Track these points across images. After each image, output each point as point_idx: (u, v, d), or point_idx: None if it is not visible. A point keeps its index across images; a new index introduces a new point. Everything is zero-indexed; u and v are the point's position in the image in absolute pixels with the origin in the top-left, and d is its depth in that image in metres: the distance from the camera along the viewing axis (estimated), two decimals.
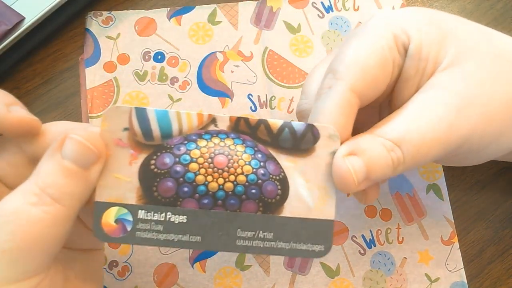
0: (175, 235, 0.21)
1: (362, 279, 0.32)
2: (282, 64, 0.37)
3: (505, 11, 0.38)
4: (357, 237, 0.33)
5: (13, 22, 0.34)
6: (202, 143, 0.21)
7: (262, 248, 0.21)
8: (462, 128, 0.22)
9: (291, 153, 0.22)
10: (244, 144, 0.22)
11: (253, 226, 0.21)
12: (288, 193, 0.22)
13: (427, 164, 0.23)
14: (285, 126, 0.22)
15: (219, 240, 0.21)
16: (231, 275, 0.32)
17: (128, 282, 0.32)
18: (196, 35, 0.37)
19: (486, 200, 0.34)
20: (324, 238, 0.22)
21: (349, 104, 0.23)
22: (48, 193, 0.19)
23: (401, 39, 0.24)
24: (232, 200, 0.21)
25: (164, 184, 0.21)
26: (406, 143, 0.22)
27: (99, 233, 0.21)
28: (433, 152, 0.22)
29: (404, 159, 0.22)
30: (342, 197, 0.34)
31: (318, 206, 0.22)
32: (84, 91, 0.35)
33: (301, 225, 0.21)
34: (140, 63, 0.36)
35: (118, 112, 0.21)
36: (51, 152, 0.20)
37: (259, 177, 0.21)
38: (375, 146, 0.22)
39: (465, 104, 0.22)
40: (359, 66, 0.23)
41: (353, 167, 0.21)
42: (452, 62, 0.23)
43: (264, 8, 0.38)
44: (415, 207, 0.34)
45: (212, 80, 0.36)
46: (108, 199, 0.21)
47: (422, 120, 0.22)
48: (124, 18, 0.37)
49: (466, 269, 0.33)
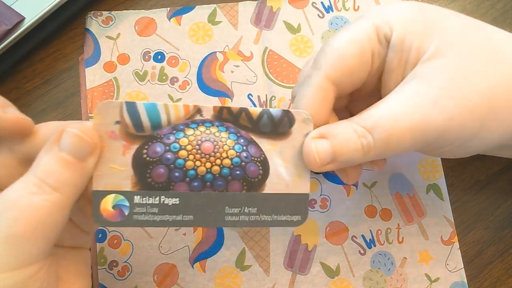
0: (170, 215, 0.23)
1: (362, 279, 0.32)
2: (282, 64, 0.37)
3: (505, 11, 0.38)
4: (357, 237, 0.33)
5: (13, 22, 0.34)
6: (189, 132, 0.23)
7: (248, 221, 0.24)
8: (437, 119, 0.22)
9: (270, 136, 0.24)
10: (228, 131, 0.24)
11: (239, 203, 0.23)
12: (269, 172, 0.24)
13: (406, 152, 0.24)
14: (264, 113, 0.24)
15: (209, 218, 0.23)
16: (231, 275, 0.32)
17: (128, 282, 0.32)
18: (196, 35, 0.37)
19: (486, 200, 0.34)
20: (301, 209, 0.24)
21: (323, 91, 0.25)
22: (47, 183, 0.20)
23: (383, 31, 0.25)
24: (219, 182, 0.23)
25: (156, 170, 0.23)
26: (378, 129, 0.23)
27: (99, 218, 0.22)
28: (407, 140, 0.23)
29: (375, 145, 0.23)
30: (342, 198, 0.34)
31: (295, 182, 0.24)
32: (84, 91, 0.35)
33: (280, 200, 0.24)
34: (140, 63, 0.36)
35: (109, 107, 0.22)
36: (49, 146, 0.21)
37: (242, 159, 0.24)
38: (346, 131, 0.23)
39: (443, 96, 0.23)
40: (335, 55, 0.25)
41: (317, 148, 0.23)
42: (435, 54, 0.24)
43: (264, 8, 0.38)
44: (415, 207, 0.34)
45: (212, 80, 0.36)
46: (105, 187, 0.22)
47: (396, 108, 0.23)
48: (124, 18, 0.37)
49: (466, 269, 0.33)
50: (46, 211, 0.20)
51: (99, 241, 0.33)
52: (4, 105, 0.22)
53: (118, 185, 0.22)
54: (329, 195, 0.34)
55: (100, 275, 0.32)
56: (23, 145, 0.23)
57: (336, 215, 0.34)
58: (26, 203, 0.19)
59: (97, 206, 0.22)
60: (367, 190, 0.34)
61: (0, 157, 0.23)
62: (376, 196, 0.34)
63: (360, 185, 0.34)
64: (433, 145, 0.24)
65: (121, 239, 0.33)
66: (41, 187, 0.20)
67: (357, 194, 0.34)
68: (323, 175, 0.34)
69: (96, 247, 0.33)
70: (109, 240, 0.33)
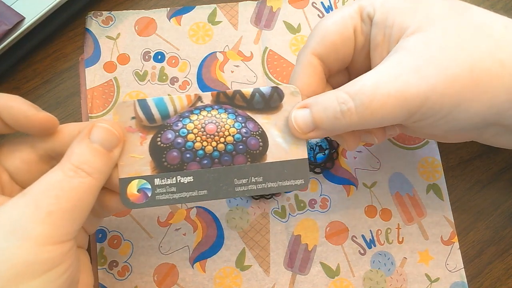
0: (187, 192, 0.26)
1: (362, 279, 0.32)
2: (282, 64, 0.37)
3: (505, 11, 0.38)
4: (357, 237, 0.33)
5: (13, 22, 0.34)
6: (194, 117, 0.26)
7: (256, 189, 0.26)
8: (419, 87, 0.23)
9: (264, 111, 0.27)
10: (227, 112, 0.26)
11: (246, 174, 0.26)
12: (268, 143, 0.26)
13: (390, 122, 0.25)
14: (256, 91, 0.26)
15: (221, 190, 0.26)
16: (231, 275, 0.32)
17: (128, 282, 0.32)
18: (196, 35, 0.37)
19: (486, 200, 0.34)
20: (303, 173, 0.26)
21: (310, 65, 0.27)
22: (82, 168, 0.23)
23: (366, 10, 0.27)
24: (226, 157, 0.26)
25: (170, 154, 0.26)
26: (359, 95, 0.24)
27: (127, 202, 0.25)
28: (388, 107, 0.23)
29: (356, 110, 0.24)
30: (342, 198, 0.34)
31: (292, 149, 0.26)
32: (84, 91, 0.35)
33: (282, 166, 0.26)
34: (140, 63, 0.36)
35: (124, 106, 0.26)
36: (81, 138, 0.24)
37: (243, 135, 0.26)
38: (328, 98, 0.25)
39: (424, 65, 0.23)
40: (319, 33, 0.27)
41: (296, 118, 0.26)
42: (418, 28, 0.24)
43: (264, 8, 0.38)
44: (415, 207, 0.34)
45: (212, 80, 0.36)
46: (129, 174, 0.25)
47: (379, 76, 0.24)
48: (124, 18, 0.37)
49: (466, 269, 0.33)
50: (82, 192, 0.22)
51: (99, 241, 0.33)
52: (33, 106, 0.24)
53: (139, 172, 0.26)
54: (329, 195, 0.34)
55: (100, 275, 0.32)
56: (46, 143, 0.25)
57: (336, 215, 0.34)
58: (66, 184, 0.22)
59: (124, 192, 0.25)
60: (367, 190, 0.34)
61: (22, 153, 0.25)
62: (376, 196, 0.34)
63: (360, 185, 0.34)
64: (415, 116, 0.24)
65: (121, 239, 0.33)
66: (77, 172, 0.22)
67: (357, 194, 0.34)
68: (323, 175, 0.34)
69: (96, 247, 0.33)
70: (109, 240, 0.33)
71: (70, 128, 0.26)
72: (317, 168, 0.34)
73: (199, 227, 0.33)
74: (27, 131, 0.25)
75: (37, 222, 0.21)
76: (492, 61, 0.23)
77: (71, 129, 0.26)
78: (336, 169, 0.35)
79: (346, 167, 0.35)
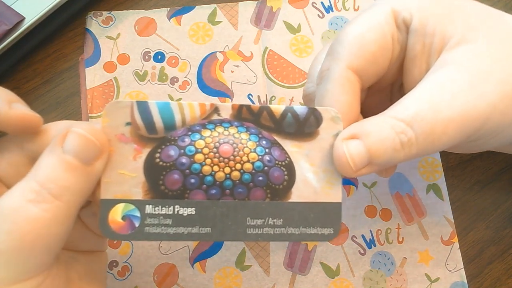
0: (185, 228, 0.21)
1: (362, 279, 0.32)
2: (282, 64, 0.37)
3: (505, 11, 0.38)
4: (357, 237, 0.33)
5: (13, 22, 0.34)
6: (206, 133, 0.21)
7: (272, 235, 0.21)
8: (479, 106, 0.21)
9: (295, 137, 0.22)
10: (248, 132, 0.21)
11: (262, 214, 0.21)
12: (295, 178, 0.21)
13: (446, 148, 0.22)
14: (288, 111, 0.22)
15: (229, 230, 0.21)
16: (231, 275, 0.32)
17: (128, 282, 0.32)
18: (196, 35, 0.37)
19: (486, 200, 0.34)
20: (333, 220, 0.22)
21: (348, 82, 0.23)
22: (48, 188, 0.18)
23: (402, 15, 0.23)
24: (240, 189, 0.21)
25: (170, 176, 0.21)
26: (418, 122, 0.21)
27: (107, 231, 0.20)
28: (450, 132, 0.21)
29: (417, 140, 0.21)
30: (343, 198, 0.34)
31: (325, 190, 0.22)
32: (84, 91, 0.35)
33: (309, 210, 0.21)
34: (140, 63, 0.36)
35: (119, 107, 0.21)
36: (52, 147, 0.19)
37: (265, 163, 0.21)
38: (382, 128, 0.21)
39: (480, 81, 0.21)
40: (354, 43, 0.23)
41: (350, 151, 0.21)
42: (462, 39, 0.22)
43: (264, 8, 0.38)
44: (415, 207, 0.34)
45: (212, 80, 0.36)
46: (114, 196, 0.20)
47: (435, 98, 0.21)
48: (124, 18, 0.37)
49: (466, 269, 0.33)
50: (45, 222, 0.18)
51: None
52: (12, 100, 0.21)
53: (128, 194, 0.20)
54: None
55: None
56: (33, 144, 0.21)
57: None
58: (23, 214, 0.18)
59: (105, 217, 0.20)
60: (367, 190, 0.34)
61: (10, 155, 0.21)
62: (376, 196, 0.34)
63: (360, 185, 0.34)
64: (473, 136, 0.22)
65: None
66: (40, 194, 0.18)
67: (357, 194, 0.34)
68: None
69: None
70: (109, 240, 0.33)
71: (59, 127, 0.22)
72: None
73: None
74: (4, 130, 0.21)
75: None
76: None
77: (60, 127, 0.21)
78: None
79: None
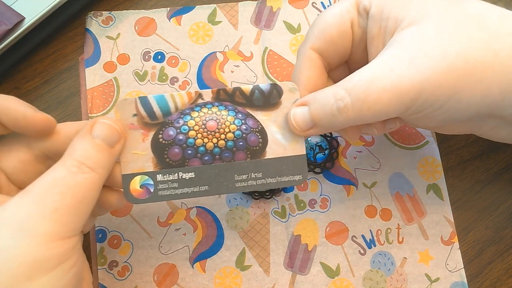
0: (188, 188, 0.26)
1: (362, 279, 0.32)
2: (282, 64, 0.37)
3: (505, 4, 0.38)
4: (357, 237, 0.33)
5: (13, 22, 0.34)
6: (194, 114, 0.27)
7: (255, 185, 0.27)
8: (413, 79, 0.23)
9: (264, 108, 0.27)
10: (227, 109, 0.27)
11: (246, 170, 0.27)
12: (267, 139, 0.27)
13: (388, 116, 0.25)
14: (255, 88, 0.27)
15: (222, 185, 0.27)
16: (231, 275, 0.32)
17: (128, 282, 0.32)
18: (196, 35, 0.37)
19: (486, 200, 0.34)
20: (301, 168, 0.27)
21: (309, 60, 0.28)
22: (85, 163, 0.23)
23: (363, 3, 0.27)
24: (226, 153, 0.27)
25: (172, 151, 0.26)
26: (355, 90, 0.24)
27: (130, 198, 0.26)
28: (384, 101, 0.24)
29: (353, 106, 0.24)
30: (342, 198, 0.34)
31: (292, 146, 0.27)
32: (84, 91, 0.35)
33: (281, 162, 0.27)
34: (140, 63, 0.36)
35: (126, 103, 0.26)
36: (83, 134, 0.24)
37: (243, 132, 0.27)
38: (326, 95, 0.25)
39: (418, 57, 0.23)
40: (317, 28, 0.28)
41: (295, 116, 0.26)
42: (412, 21, 0.25)
43: (264, 8, 0.38)
44: (415, 207, 0.34)
45: (212, 80, 0.36)
46: (132, 171, 0.26)
47: (375, 71, 0.24)
48: (124, 18, 0.37)
49: (466, 269, 0.33)
50: (86, 187, 0.23)
51: (99, 241, 0.33)
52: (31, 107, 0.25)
53: (142, 168, 0.26)
54: (329, 195, 0.34)
55: (100, 275, 0.32)
56: (43, 142, 0.25)
57: (336, 215, 0.34)
58: (71, 180, 0.22)
59: (127, 188, 0.26)
60: (367, 190, 0.34)
61: (18, 153, 0.25)
62: (376, 196, 0.34)
63: (360, 185, 0.34)
64: (411, 108, 0.24)
65: (121, 239, 0.33)
66: (80, 168, 0.23)
67: (357, 194, 0.34)
68: (323, 175, 0.34)
69: (96, 247, 0.33)
70: (109, 240, 0.33)
71: (67, 128, 0.26)
72: (317, 168, 0.34)
73: (199, 227, 0.33)
74: (25, 132, 0.25)
75: (44, 219, 0.21)
76: (486, 52, 0.23)
77: (68, 128, 0.26)
78: (336, 169, 0.35)
79: (346, 167, 0.35)
